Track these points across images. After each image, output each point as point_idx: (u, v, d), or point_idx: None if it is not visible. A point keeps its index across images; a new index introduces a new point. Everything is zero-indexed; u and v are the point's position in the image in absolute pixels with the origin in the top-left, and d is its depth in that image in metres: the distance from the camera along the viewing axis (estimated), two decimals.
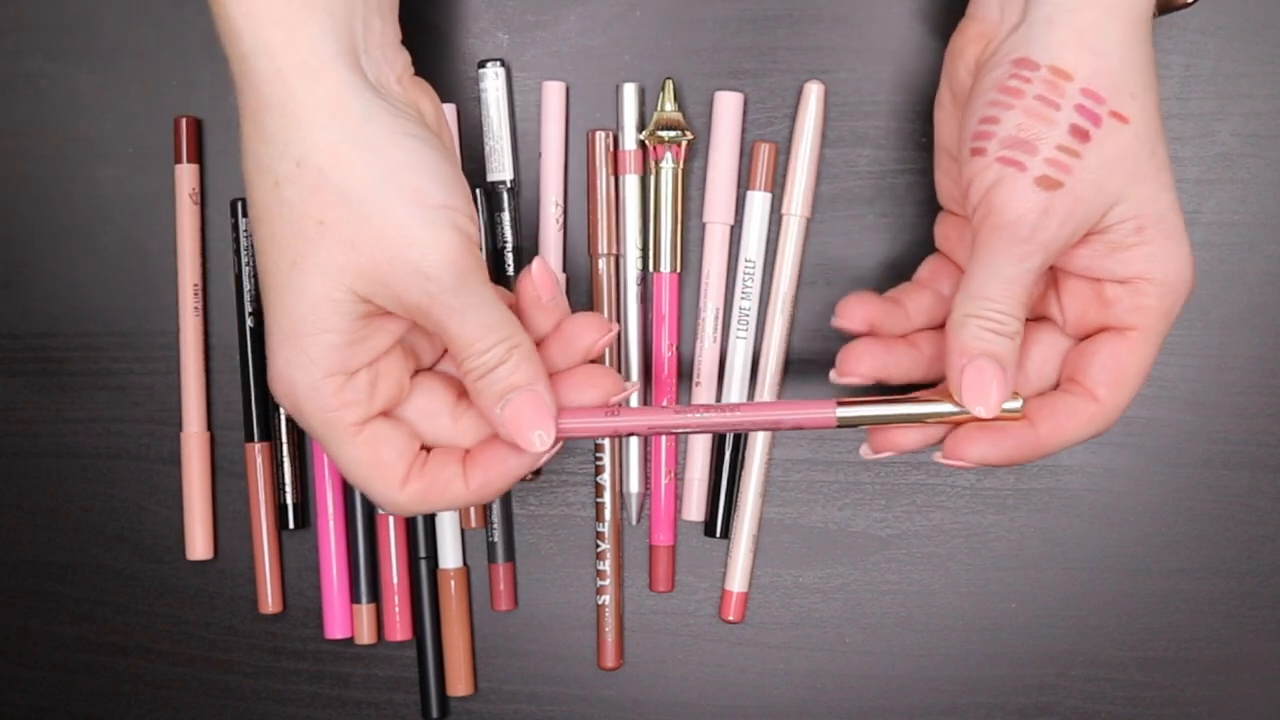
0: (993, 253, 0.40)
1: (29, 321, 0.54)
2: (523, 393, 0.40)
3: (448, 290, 0.38)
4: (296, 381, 0.39)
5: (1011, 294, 0.40)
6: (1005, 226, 0.39)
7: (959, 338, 0.41)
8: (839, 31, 0.51)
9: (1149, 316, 0.41)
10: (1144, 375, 0.42)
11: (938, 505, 0.52)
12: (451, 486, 0.41)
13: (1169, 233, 0.41)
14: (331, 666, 0.54)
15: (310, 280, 0.38)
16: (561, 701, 0.53)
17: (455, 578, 0.53)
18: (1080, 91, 0.39)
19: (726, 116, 0.51)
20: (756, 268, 0.51)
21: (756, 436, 0.51)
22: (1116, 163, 0.39)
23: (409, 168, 0.38)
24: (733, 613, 0.52)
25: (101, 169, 0.53)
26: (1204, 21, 0.50)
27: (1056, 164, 0.39)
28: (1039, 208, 0.39)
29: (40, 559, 0.55)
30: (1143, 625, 0.52)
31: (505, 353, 0.40)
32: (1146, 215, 0.40)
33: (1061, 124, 0.39)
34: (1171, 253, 0.41)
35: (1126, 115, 0.39)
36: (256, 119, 0.38)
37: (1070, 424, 0.42)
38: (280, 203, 0.38)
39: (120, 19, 0.53)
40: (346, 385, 0.40)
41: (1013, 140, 0.39)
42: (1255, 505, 0.52)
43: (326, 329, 0.38)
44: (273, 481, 0.53)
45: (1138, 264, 0.41)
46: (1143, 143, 0.40)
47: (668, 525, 0.52)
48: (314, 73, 0.38)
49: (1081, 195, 0.39)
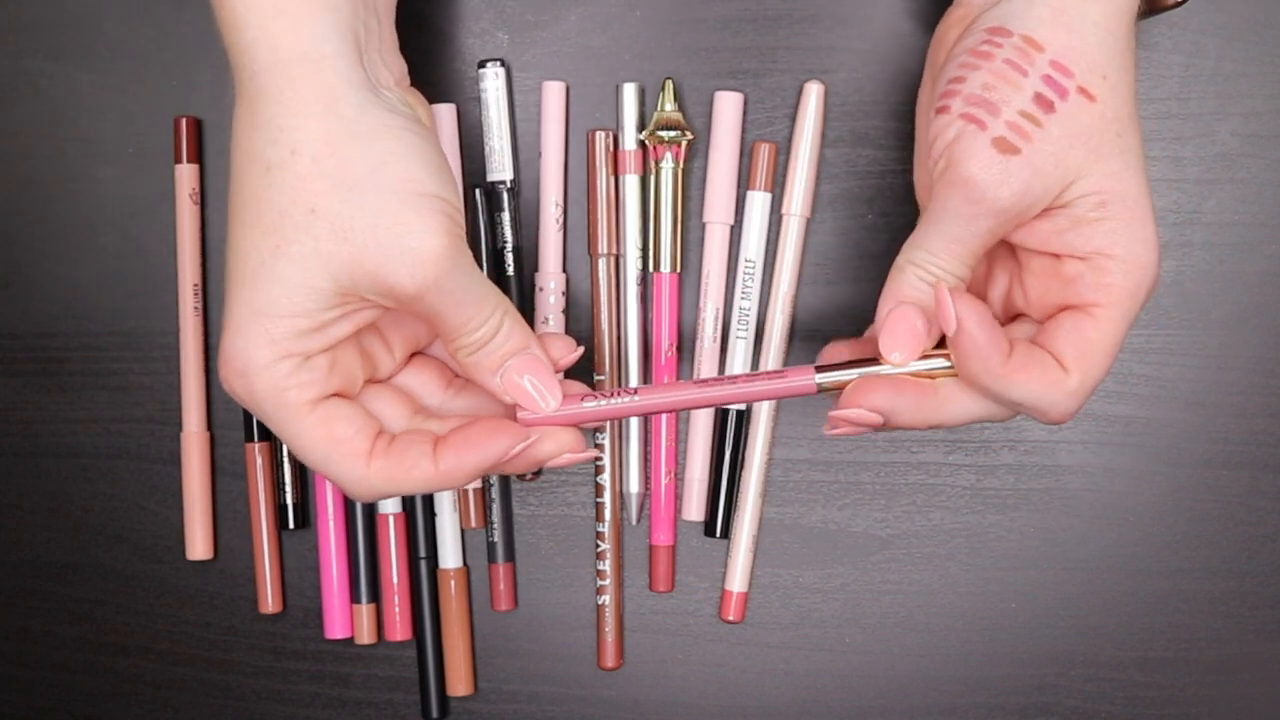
0: (944, 209, 0.39)
1: (29, 321, 0.54)
2: (520, 357, 0.41)
3: (443, 275, 0.38)
4: (251, 360, 0.39)
5: (954, 252, 0.40)
6: (959, 184, 0.39)
7: (894, 282, 0.40)
8: (839, 31, 0.51)
9: (1113, 294, 0.40)
10: (1110, 354, 0.41)
11: (938, 505, 0.52)
12: (420, 465, 0.40)
13: (1133, 213, 0.40)
14: (331, 666, 0.54)
15: (291, 266, 0.38)
16: (561, 701, 0.53)
17: (455, 578, 0.53)
18: (1049, 63, 0.39)
19: (726, 116, 0.51)
20: (756, 268, 0.51)
21: (756, 437, 0.51)
22: (1080, 138, 0.39)
23: (403, 158, 0.38)
24: (733, 613, 0.52)
25: (101, 169, 0.53)
26: (1204, 21, 0.50)
27: (1017, 129, 0.39)
28: (994, 170, 0.39)
29: (40, 559, 0.55)
30: (1143, 625, 0.52)
31: (497, 324, 0.40)
32: (1109, 192, 0.40)
33: (1027, 90, 0.39)
34: (1136, 233, 0.40)
35: (1094, 94, 0.39)
36: (253, 106, 0.38)
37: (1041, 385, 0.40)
38: (269, 188, 0.38)
39: (120, 19, 0.53)
40: (303, 365, 0.39)
41: (976, 98, 0.39)
42: (1255, 505, 0.52)
43: (297, 314, 0.38)
44: (273, 481, 0.53)
45: (1099, 239, 0.40)
46: (1109, 123, 0.39)
47: (668, 525, 0.52)
48: (314, 64, 0.38)
49: (1039, 165, 0.39)
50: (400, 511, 0.53)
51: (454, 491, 0.52)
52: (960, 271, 0.40)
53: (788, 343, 0.51)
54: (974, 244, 0.40)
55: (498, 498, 0.52)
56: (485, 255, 0.52)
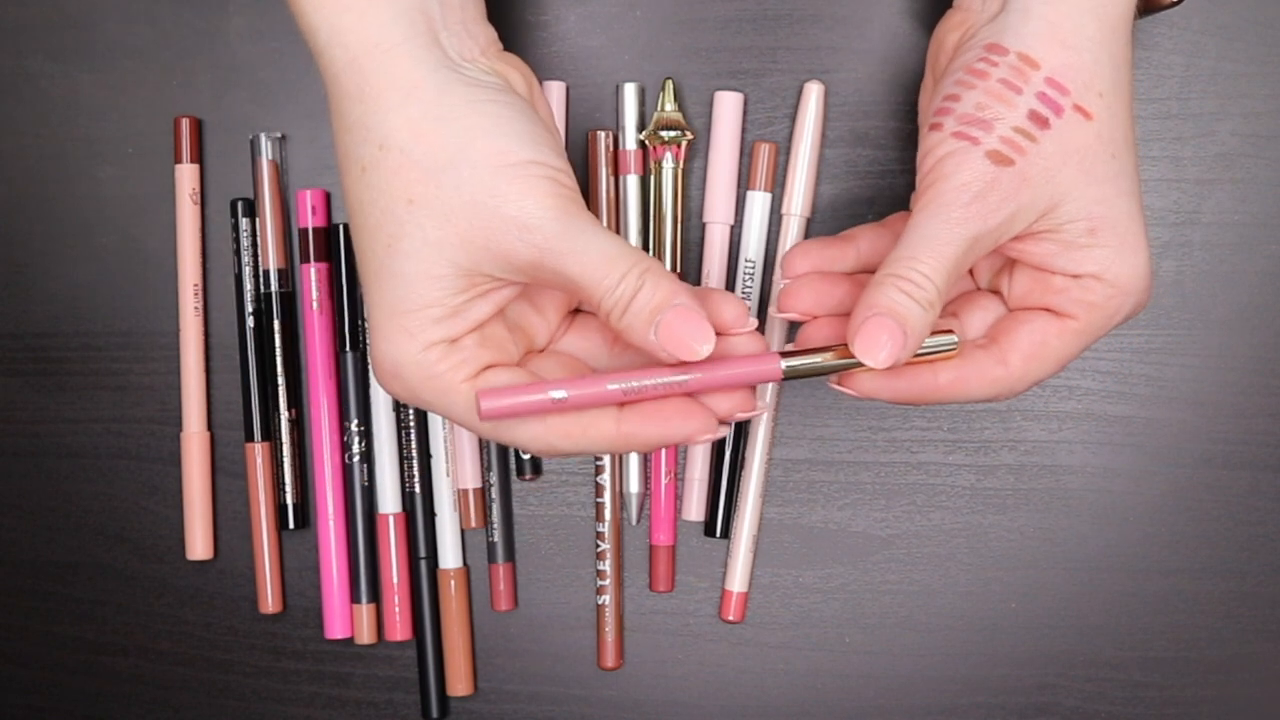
0: (929, 215, 0.39)
1: (29, 321, 0.54)
2: (671, 310, 0.38)
3: (553, 236, 0.37)
4: (399, 359, 0.38)
5: (938, 259, 0.39)
6: (948, 191, 0.39)
7: (870, 293, 0.39)
8: (839, 31, 0.51)
9: (1090, 311, 0.40)
10: (1062, 363, 0.41)
11: (938, 505, 0.52)
12: (599, 425, 0.39)
13: (1124, 239, 0.40)
14: (331, 666, 0.54)
15: (409, 262, 0.38)
16: (561, 701, 0.53)
17: (455, 578, 0.53)
18: (1045, 80, 0.39)
19: (726, 116, 0.51)
20: (756, 268, 0.51)
21: (756, 437, 0.51)
22: (1074, 156, 0.39)
23: (490, 132, 0.38)
24: (733, 613, 0.52)
25: (101, 169, 0.53)
26: (1204, 21, 0.50)
27: (1011, 143, 0.39)
28: (985, 177, 0.38)
29: (40, 559, 0.55)
30: (1143, 625, 0.52)
31: (637, 279, 0.38)
32: (1100, 218, 0.40)
33: (1021, 108, 0.39)
34: (1127, 259, 0.40)
35: (1091, 111, 0.39)
36: (340, 109, 0.38)
37: (973, 380, 0.41)
38: (368, 188, 0.38)
39: (120, 19, 0.53)
40: (451, 349, 0.39)
41: (970, 118, 0.39)
42: (1255, 505, 0.52)
43: (429, 304, 0.38)
44: (273, 481, 0.53)
45: (1090, 264, 0.40)
46: (1104, 144, 0.39)
47: (668, 525, 0.52)
48: (387, 55, 0.38)
49: (1030, 178, 0.39)
50: (400, 511, 0.53)
51: (453, 491, 0.52)
52: (939, 281, 0.39)
53: (788, 343, 0.51)
54: (955, 252, 0.39)
55: (498, 498, 0.52)
56: None
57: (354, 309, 0.52)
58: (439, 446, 0.53)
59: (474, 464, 0.52)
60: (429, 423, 0.53)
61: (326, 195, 0.53)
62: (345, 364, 0.52)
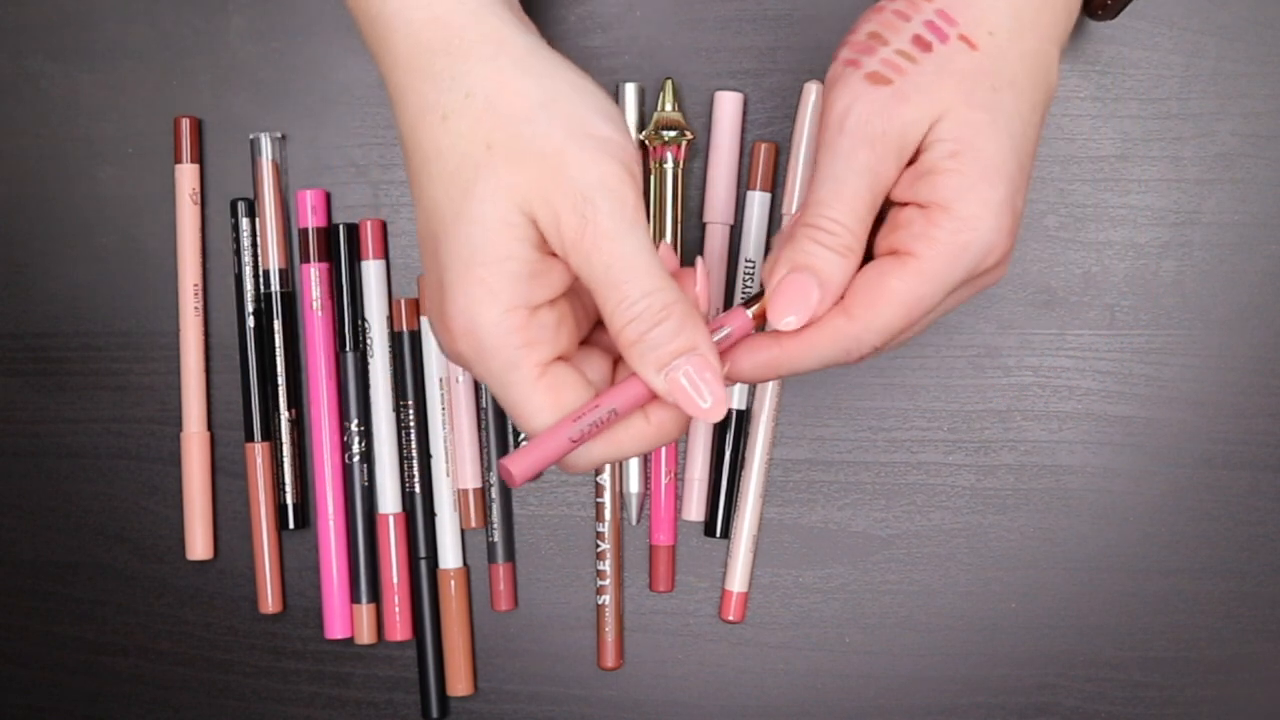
0: (827, 153, 0.39)
1: (29, 321, 0.54)
2: (687, 359, 0.37)
3: (603, 214, 0.36)
4: (479, 317, 0.37)
5: (841, 197, 0.38)
6: (832, 121, 0.39)
7: (786, 247, 0.39)
8: (839, 31, 0.50)
9: (932, 246, 0.38)
10: (912, 309, 0.38)
11: (938, 505, 0.52)
12: (634, 424, 0.39)
13: (984, 172, 0.38)
14: (331, 666, 0.54)
15: (485, 205, 0.37)
16: (561, 701, 0.53)
17: (455, 578, 0.53)
18: (935, 11, 0.39)
19: (726, 116, 0.51)
20: (756, 268, 0.51)
21: (756, 437, 0.51)
22: (952, 79, 0.39)
23: (572, 97, 0.38)
24: (733, 613, 0.52)
25: (101, 169, 0.53)
26: (1204, 21, 0.50)
27: (890, 64, 0.39)
28: (864, 99, 0.38)
29: (40, 559, 0.55)
30: (1143, 625, 0.52)
31: (660, 309, 0.37)
32: (965, 142, 0.38)
33: (906, 33, 0.39)
34: (981, 193, 0.38)
35: (976, 43, 0.39)
36: (414, 65, 0.38)
37: (820, 338, 0.39)
38: (449, 134, 0.38)
39: (120, 19, 0.53)
40: (531, 320, 0.38)
41: (859, 44, 0.40)
42: (1255, 505, 0.52)
43: (507, 255, 0.37)
44: (273, 481, 0.53)
45: (942, 191, 0.38)
46: (985, 74, 0.39)
47: (668, 525, 0.52)
48: (474, 14, 0.38)
49: (907, 95, 0.38)
50: (400, 511, 0.53)
51: (453, 491, 0.52)
52: (852, 223, 0.38)
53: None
54: (858, 184, 0.38)
55: (498, 498, 0.52)
56: None
57: (354, 309, 0.53)
58: (439, 446, 0.53)
59: (474, 464, 0.52)
60: (429, 423, 0.53)
61: (326, 195, 0.53)
62: (345, 364, 0.52)
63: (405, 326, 0.52)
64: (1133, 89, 0.50)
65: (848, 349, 0.39)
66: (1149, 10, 0.50)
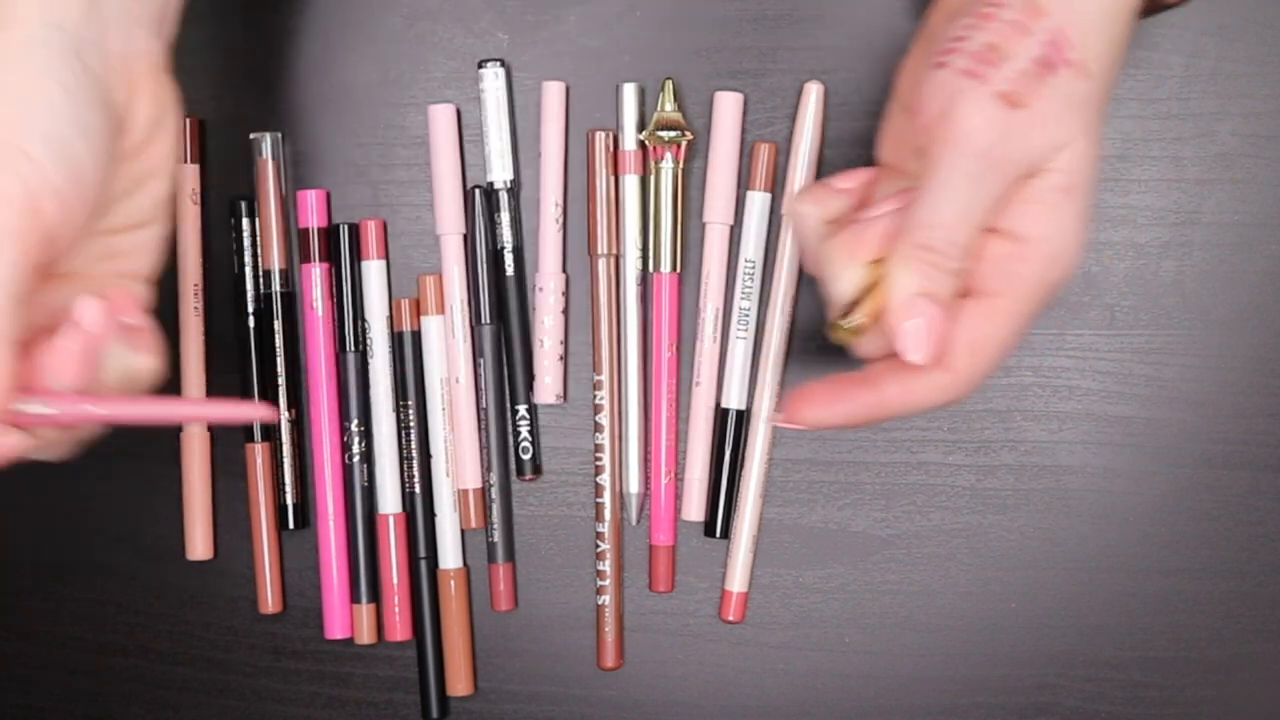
0: (947, 168, 0.37)
1: None
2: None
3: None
4: None
5: (960, 218, 0.37)
6: (962, 138, 0.37)
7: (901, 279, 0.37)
8: (839, 31, 0.51)
9: (1021, 286, 0.38)
10: (1004, 348, 0.39)
11: (938, 505, 0.52)
12: None
13: (1084, 209, 0.38)
14: (331, 666, 0.54)
15: None
16: (561, 701, 0.53)
17: (455, 578, 0.53)
18: (1050, 30, 0.37)
19: (726, 116, 0.51)
20: (756, 268, 0.51)
21: (756, 437, 0.51)
22: (1078, 106, 0.38)
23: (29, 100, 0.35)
24: (733, 613, 0.52)
25: None
26: (1204, 21, 0.50)
27: (1021, 84, 0.37)
28: (1000, 120, 0.37)
29: (40, 559, 0.55)
30: (1143, 625, 0.52)
31: None
32: (1079, 175, 0.38)
33: (1027, 51, 0.37)
34: (1074, 229, 0.38)
35: (1091, 70, 0.38)
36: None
37: (921, 391, 0.39)
38: None
39: None
40: None
41: (979, 54, 0.37)
42: (1255, 505, 0.52)
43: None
44: (273, 481, 0.53)
45: (1041, 226, 0.38)
46: (1094, 105, 0.38)
47: (668, 525, 0.52)
48: None
49: (1042, 120, 0.37)
50: (400, 511, 0.53)
51: (453, 491, 0.52)
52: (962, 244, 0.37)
53: (787, 343, 0.51)
54: (980, 208, 0.37)
55: (498, 498, 0.52)
56: (484, 255, 0.52)
57: (355, 309, 0.53)
58: (439, 446, 0.53)
59: (474, 464, 0.52)
60: (429, 423, 0.53)
61: (327, 195, 0.53)
62: (345, 364, 0.52)
63: (406, 326, 0.52)
64: (1133, 89, 0.50)
65: (949, 399, 0.39)
66: None
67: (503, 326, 0.52)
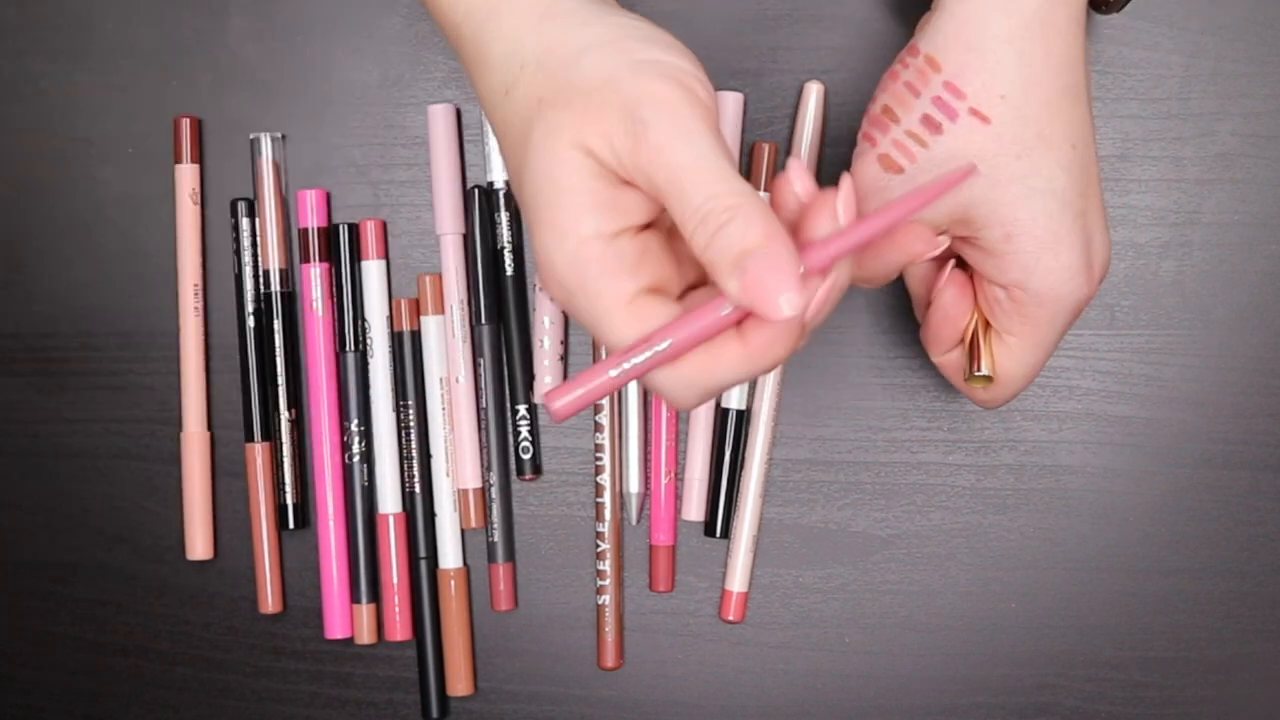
0: None
1: (29, 321, 0.54)
2: (758, 258, 0.34)
3: (651, 128, 0.35)
4: (554, 257, 0.36)
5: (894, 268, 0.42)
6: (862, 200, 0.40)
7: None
8: (839, 31, 0.51)
9: (1024, 324, 0.41)
10: (1028, 376, 0.43)
11: (938, 505, 0.52)
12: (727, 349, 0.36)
13: (1044, 242, 0.39)
14: (331, 666, 0.54)
15: (538, 152, 0.36)
16: (561, 701, 0.53)
17: (455, 578, 0.53)
18: (943, 84, 0.39)
19: (727, 116, 0.51)
20: None
21: (756, 437, 0.51)
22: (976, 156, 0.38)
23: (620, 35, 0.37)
24: (733, 613, 0.52)
25: (101, 169, 0.53)
26: (1204, 21, 0.50)
27: (901, 147, 0.39)
28: (877, 184, 0.39)
29: (40, 559, 0.55)
30: (1143, 625, 0.52)
31: (724, 210, 0.34)
32: (1013, 222, 0.39)
33: (916, 111, 0.39)
34: (1047, 265, 0.39)
35: (988, 115, 0.38)
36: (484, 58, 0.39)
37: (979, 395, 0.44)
38: (512, 103, 0.38)
39: (120, 19, 0.53)
40: (608, 250, 0.36)
41: (875, 119, 0.40)
42: (1255, 505, 0.52)
43: (567, 189, 0.36)
44: (273, 481, 0.53)
45: (1013, 272, 0.40)
46: (1006, 145, 0.39)
47: (668, 525, 0.52)
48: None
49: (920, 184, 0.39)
50: (400, 511, 0.53)
51: (453, 491, 0.52)
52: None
53: None
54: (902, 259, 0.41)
55: (498, 498, 0.52)
56: (484, 255, 0.52)
57: (355, 309, 0.53)
58: (439, 446, 0.53)
59: (474, 464, 0.52)
60: (429, 423, 0.53)
61: (327, 195, 0.53)
62: (345, 364, 0.52)
63: (405, 326, 0.52)
64: (1133, 89, 0.50)
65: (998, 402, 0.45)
66: (1149, 10, 0.50)
67: (502, 326, 0.52)
